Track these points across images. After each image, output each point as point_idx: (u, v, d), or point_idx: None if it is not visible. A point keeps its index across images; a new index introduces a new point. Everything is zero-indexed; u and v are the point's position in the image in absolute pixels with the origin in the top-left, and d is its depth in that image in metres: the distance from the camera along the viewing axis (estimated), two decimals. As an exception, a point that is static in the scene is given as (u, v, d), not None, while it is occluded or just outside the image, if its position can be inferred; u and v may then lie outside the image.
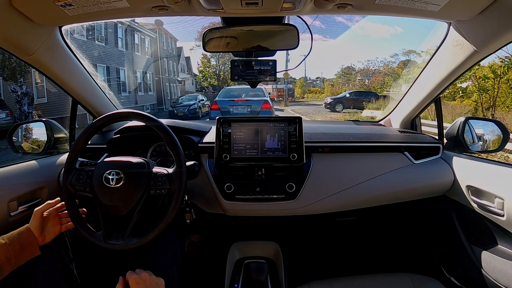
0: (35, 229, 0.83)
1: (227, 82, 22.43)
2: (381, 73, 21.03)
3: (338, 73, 26.29)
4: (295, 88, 25.97)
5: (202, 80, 25.01)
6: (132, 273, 0.77)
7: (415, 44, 23.31)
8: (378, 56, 28.77)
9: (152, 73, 17.95)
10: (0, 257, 0.74)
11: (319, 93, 26.17)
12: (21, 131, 1.30)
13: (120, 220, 0.84)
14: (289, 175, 1.13)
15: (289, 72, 33.08)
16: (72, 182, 0.87)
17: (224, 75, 24.43)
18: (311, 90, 27.59)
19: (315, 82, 29.29)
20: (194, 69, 25.64)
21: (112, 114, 0.92)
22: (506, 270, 0.93)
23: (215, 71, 24.60)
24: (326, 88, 25.86)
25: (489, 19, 0.83)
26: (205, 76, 24.77)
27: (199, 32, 18.20)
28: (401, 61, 20.52)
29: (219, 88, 22.01)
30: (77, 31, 11.11)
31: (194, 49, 24.76)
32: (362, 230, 1.52)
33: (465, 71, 1.07)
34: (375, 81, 20.31)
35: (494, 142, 1.18)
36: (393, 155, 1.19)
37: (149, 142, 1.24)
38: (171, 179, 0.86)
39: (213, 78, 24.59)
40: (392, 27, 32.65)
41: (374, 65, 23.04)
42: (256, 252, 1.36)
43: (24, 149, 1.29)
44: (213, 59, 23.99)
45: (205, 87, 24.21)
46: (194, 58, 33.68)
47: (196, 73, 25.36)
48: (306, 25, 1.03)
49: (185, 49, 25.37)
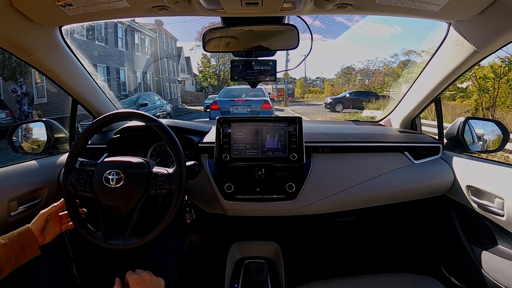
0: (36, 229, 0.83)
1: (227, 82, 22.28)
2: (381, 73, 21.18)
3: (338, 73, 26.52)
4: (295, 88, 26.22)
5: (202, 80, 25.10)
6: (132, 273, 0.77)
7: (415, 44, 23.43)
8: (378, 56, 29.04)
9: (152, 73, 18.01)
10: (1, 257, 0.74)
11: (319, 93, 26.30)
12: (21, 131, 1.30)
13: (120, 220, 0.84)
14: (289, 175, 1.13)
15: (289, 72, 32.96)
16: (72, 182, 0.87)
17: (224, 75, 24.47)
18: (311, 90, 27.70)
19: (315, 82, 29.33)
20: (194, 69, 25.81)
21: (112, 114, 0.92)
22: (506, 270, 0.92)
23: (215, 71, 24.71)
24: (326, 88, 25.94)
25: (489, 19, 0.83)
26: (205, 76, 24.84)
27: (199, 32, 18.19)
28: (401, 61, 20.65)
29: (219, 88, 21.69)
30: (77, 31, 11.10)
31: (194, 49, 24.83)
32: (362, 230, 1.52)
33: (465, 71, 1.07)
34: (375, 81, 20.42)
35: (494, 142, 1.18)
36: (393, 155, 1.19)
37: (149, 142, 1.24)
38: (171, 179, 0.86)
39: (213, 78, 24.64)
40: (392, 27, 32.59)
41: (374, 65, 23.27)
42: (256, 252, 1.36)
43: (24, 149, 1.29)
44: (213, 59, 24.22)
45: (205, 87, 24.51)
46: (194, 58, 34.41)
47: (196, 73, 25.54)
48: (306, 25, 1.03)
49: (185, 49, 25.30)
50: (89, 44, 12.51)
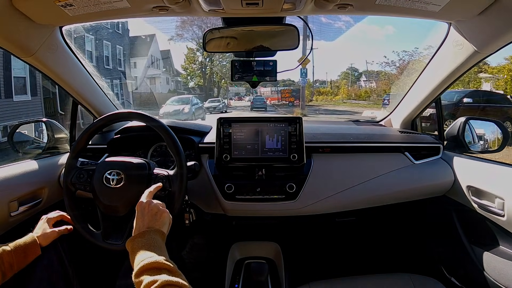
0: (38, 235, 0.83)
1: (216, 82, 19.26)
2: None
3: (343, 73, 21.23)
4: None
5: (187, 80, 19.65)
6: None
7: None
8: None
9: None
10: (4, 264, 0.74)
11: (331, 95, 20.59)
12: (22, 131, 1.30)
13: (120, 220, 0.85)
14: (289, 175, 1.13)
15: (289, 73, 31.48)
16: (72, 181, 0.87)
17: (212, 71, 19.11)
18: (321, 92, 21.50)
19: (322, 84, 23.26)
20: (177, 66, 19.90)
21: (112, 114, 0.92)
22: (506, 271, 0.92)
23: (201, 68, 19.11)
24: (343, 88, 20.06)
25: (489, 20, 0.83)
26: (190, 74, 19.47)
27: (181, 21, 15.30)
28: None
29: (207, 89, 18.34)
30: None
31: (174, 39, 18.36)
32: (363, 230, 1.52)
33: (466, 72, 1.07)
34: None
35: (495, 142, 1.18)
36: (393, 156, 1.19)
37: (150, 142, 1.24)
38: (171, 181, 0.86)
39: (198, 77, 19.33)
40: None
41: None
42: (256, 252, 1.36)
43: (25, 149, 1.29)
44: (199, 52, 18.61)
45: (191, 88, 19.26)
46: (177, 53, 27.95)
47: (181, 72, 19.67)
48: (307, 25, 1.03)
49: (161, 39, 20.32)
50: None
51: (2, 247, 0.75)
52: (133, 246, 0.66)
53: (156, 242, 0.67)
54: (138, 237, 0.68)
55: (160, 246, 0.66)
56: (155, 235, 0.68)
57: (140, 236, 0.68)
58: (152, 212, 0.73)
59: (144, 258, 0.61)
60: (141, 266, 0.60)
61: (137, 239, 0.67)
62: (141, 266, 0.60)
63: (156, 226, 0.71)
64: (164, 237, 0.70)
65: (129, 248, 0.67)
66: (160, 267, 0.59)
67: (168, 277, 0.56)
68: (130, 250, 0.66)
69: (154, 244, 0.66)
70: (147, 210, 0.73)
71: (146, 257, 0.62)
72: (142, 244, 0.65)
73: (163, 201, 0.96)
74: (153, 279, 0.56)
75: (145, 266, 0.59)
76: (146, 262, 0.60)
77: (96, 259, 1.11)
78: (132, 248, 0.66)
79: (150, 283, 0.55)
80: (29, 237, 0.81)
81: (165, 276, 0.56)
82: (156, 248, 0.65)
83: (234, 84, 16.26)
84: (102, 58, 12.88)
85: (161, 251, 0.65)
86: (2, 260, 0.73)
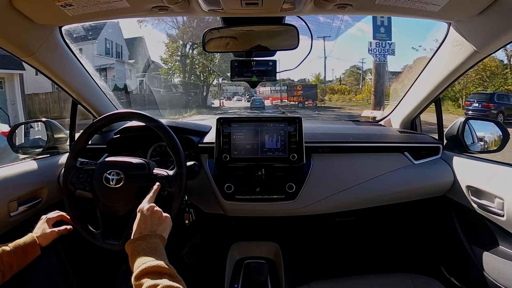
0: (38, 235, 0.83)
1: (205, 80, 15.73)
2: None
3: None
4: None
5: (167, 76, 16.12)
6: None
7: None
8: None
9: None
10: (4, 264, 0.74)
11: (347, 93, 17.19)
12: (21, 131, 1.30)
13: (119, 220, 0.84)
14: (289, 175, 1.13)
15: (289, 73, 30.79)
16: (72, 181, 0.87)
17: (194, 64, 15.50)
18: (336, 89, 17.77)
19: (329, 81, 19.91)
20: (155, 57, 16.92)
21: (112, 114, 0.92)
22: (506, 271, 0.92)
23: (181, 60, 15.58)
24: (366, 86, 16.14)
25: (489, 19, 0.83)
26: (172, 69, 15.92)
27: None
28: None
29: (187, 85, 14.80)
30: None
31: (144, 23, 14.94)
32: (362, 230, 1.52)
33: (465, 72, 1.07)
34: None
35: (494, 142, 1.18)
36: (393, 155, 1.19)
37: (149, 142, 1.24)
38: (171, 181, 0.86)
39: (178, 71, 16.01)
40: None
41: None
42: (256, 252, 1.36)
43: (24, 149, 1.29)
44: (181, 40, 15.51)
45: (172, 85, 16.08)
46: (153, 41, 22.78)
47: (161, 64, 16.10)
48: (306, 25, 1.03)
49: (127, 23, 16.27)
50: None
51: (1, 247, 0.75)
52: (133, 248, 0.66)
53: (157, 246, 0.66)
54: (139, 240, 0.67)
55: (161, 251, 0.66)
56: (156, 239, 0.68)
57: (142, 239, 0.67)
58: (156, 216, 0.73)
59: (145, 261, 0.61)
60: (142, 269, 0.59)
61: (138, 241, 0.67)
62: (142, 269, 0.59)
63: (158, 231, 0.71)
64: (164, 243, 0.70)
65: (128, 250, 0.66)
66: (161, 272, 0.59)
67: (170, 282, 0.56)
68: (130, 252, 0.66)
69: (156, 248, 0.65)
70: (150, 213, 0.73)
71: (148, 260, 0.61)
72: (143, 247, 0.65)
73: (163, 201, 0.97)
74: (154, 283, 0.55)
75: (146, 269, 0.59)
76: (147, 265, 0.59)
77: (96, 259, 1.11)
78: (133, 250, 0.66)
79: (150, 287, 0.55)
80: (29, 237, 0.81)
81: (167, 281, 0.56)
82: (158, 252, 0.65)
83: (233, 83, 14.15)
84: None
85: (162, 256, 0.64)
86: (2, 260, 0.73)
